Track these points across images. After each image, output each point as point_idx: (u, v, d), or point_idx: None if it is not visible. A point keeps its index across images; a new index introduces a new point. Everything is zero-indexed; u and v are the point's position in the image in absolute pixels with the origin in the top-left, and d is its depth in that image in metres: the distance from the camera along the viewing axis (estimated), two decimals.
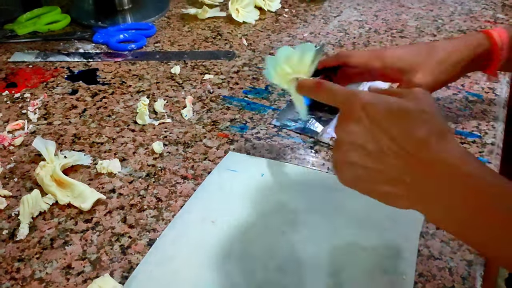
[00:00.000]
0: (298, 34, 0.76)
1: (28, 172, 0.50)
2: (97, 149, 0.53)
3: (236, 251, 0.42)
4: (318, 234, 0.43)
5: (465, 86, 0.62)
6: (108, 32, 0.75)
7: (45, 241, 0.43)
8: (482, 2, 0.85)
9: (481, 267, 0.40)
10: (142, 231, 0.44)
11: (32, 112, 0.59)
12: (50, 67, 0.68)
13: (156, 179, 0.49)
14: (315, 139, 0.54)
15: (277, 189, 0.48)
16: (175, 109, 0.59)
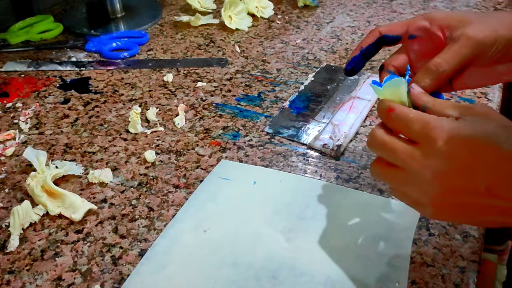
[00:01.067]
0: (291, 41, 0.76)
1: (19, 183, 0.50)
2: (89, 158, 0.53)
3: (229, 260, 0.41)
4: (311, 242, 0.43)
5: (457, 91, 0.63)
6: (100, 40, 0.75)
7: (36, 253, 0.43)
8: (473, 6, 0.86)
9: (474, 273, 0.40)
10: (134, 241, 0.43)
11: (24, 122, 0.59)
12: (42, 76, 0.68)
13: (148, 188, 0.49)
14: (307, 146, 0.54)
15: (269, 197, 0.47)
16: (168, 117, 0.59)
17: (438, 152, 0.32)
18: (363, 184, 0.49)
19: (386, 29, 0.43)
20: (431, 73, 0.38)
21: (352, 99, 0.61)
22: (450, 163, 0.32)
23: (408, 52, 0.42)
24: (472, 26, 0.38)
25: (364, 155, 0.53)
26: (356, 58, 0.44)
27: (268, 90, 0.64)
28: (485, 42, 0.37)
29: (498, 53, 0.38)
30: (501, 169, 0.31)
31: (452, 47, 0.38)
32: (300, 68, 0.69)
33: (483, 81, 0.42)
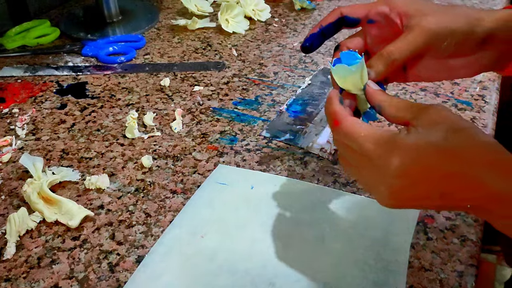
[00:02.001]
0: (288, 44, 0.76)
1: (15, 189, 0.50)
2: (86, 164, 0.53)
3: (226, 266, 0.41)
4: (309, 248, 0.43)
5: (454, 94, 0.62)
6: (97, 45, 0.75)
7: (32, 260, 0.42)
8: None
9: (472, 277, 0.40)
10: (131, 248, 0.43)
11: (20, 127, 0.59)
12: (39, 82, 0.68)
13: (145, 194, 0.49)
14: (305, 150, 0.54)
15: (267, 202, 0.47)
16: (165, 122, 0.59)
17: (391, 171, 0.32)
18: (360, 188, 0.49)
19: (348, 10, 0.42)
20: (383, 60, 0.38)
21: None
22: (403, 180, 0.32)
23: (366, 36, 0.42)
24: (429, 17, 0.38)
25: None
26: (314, 35, 0.44)
27: (265, 93, 0.64)
28: (439, 33, 0.38)
29: (452, 46, 0.38)
30: (454, 176, 0.31)
31: (407, 36, 0.38)
32: (297, 71, 0.69)
33: (437, 74, 0.42)
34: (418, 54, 0.38)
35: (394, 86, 0.64)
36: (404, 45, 0.38)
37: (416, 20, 0.38)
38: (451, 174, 0.31)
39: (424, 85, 0.65)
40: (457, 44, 0.38)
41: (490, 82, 0.65)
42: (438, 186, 0.31)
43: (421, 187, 0.32)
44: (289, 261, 0.41)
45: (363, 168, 0.35)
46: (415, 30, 0.38)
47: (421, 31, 0.38)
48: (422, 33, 0.38)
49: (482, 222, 0.45)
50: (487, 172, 0.30)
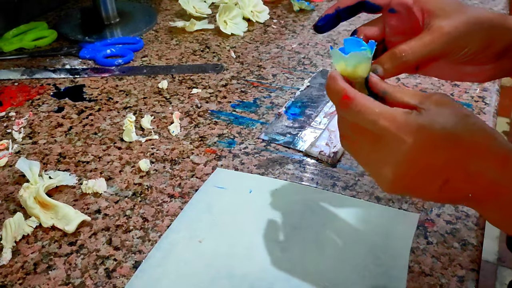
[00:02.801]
0: (286, 45, 0.76)
1: (12, 194, 0.49)
2: (83, 168, 0.52)
3: (224, 271, 0.41)
4: (307, 252, 0.42)
5: (454, 95, 0.62)
6: (95, 47, 0.74)
7: (29, 266, 0.42)
8: None
9: (472, 282, 0.40)
10: (128, 253, 0.43)
11: (17, 131, 0.58)
12: (36, 84, 0.67)
13: (143, 198, 0.48)
14: (303, 153, 0.53)
15: (265, 206, 0.47)
16: (162, 125, 0.59)
17: (402, 151, 0.31)
18: (360, 192, 0.48)
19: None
20: (395, 59, 0.37)
21: None
22: (411, 161, 0.31)
23: (385, 25, 0.41)
24: (452, 20, 0.36)
25: None
26: (329, 16, 0.42)
27: (264, 96, 0.64)
28: (459, 41, 0.36)
29: (470, 55, 0.37)
30: (460, 161, 0.31)
31: (424, 37, 0.37)
32: (296, 73, 0.69)
33: (448, 75, 0.42)
34: (432, 57, 0.37)
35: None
36: (419, 46, 0.36)
37: (437, 22, 0.37)
38: (454, 160, 0.31)
39: (424, 86, 0.64)
40: (475, 53, 0.37)
41: (490, 83, 0.64)
42: (441, 172, 0.31)
43: (426, 171, 0.31)
44: (288, 266, 0.41)
45: (370, 147, 0.33)
46: (434, 32, 0.36)
47: (440, 35, 0.36)
48: (440, 37, 0.36)
49: (483, 226, 0.45)
50: (486, 162, 0.30)
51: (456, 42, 0.37)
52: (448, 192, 0.32)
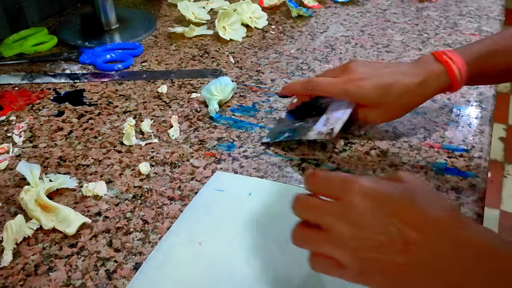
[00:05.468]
0: (285, 51, 0.77)
1: (12, 197, 0.49)
2: (83, 171, 0.53)
3: (224, 273, 0.41)
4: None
5: (451, 100, 0.63)
6: (94, 52, 0.75)
7: (29, 268, 0.42)
8: (466, 15, 0.87)
9: None
10: (128, 255, 0.43)
11: (18, 135, 0.58)
12: (36, 89, 0.68)
13: (143, 200, 0.49)
14: (305, 141, 0.54)
15: (264, 208, 0.47)
16: (162, 129, 0.59)
17: (354, 205, 0.32)
18: None
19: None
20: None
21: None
22: (362, 218, 0.32)
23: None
24: (375, 112, 0.52)
25: (359, 165, 0.53)
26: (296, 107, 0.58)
27: (263, 100, 0.64)
28: (382, 121, 0.56)
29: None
30: (415, 223, 0.31)
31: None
32: (294, 78, 0.69)
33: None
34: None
35: None
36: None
37: (366, 112, 0.53)
38: (413, 218, 0.32)
39: None
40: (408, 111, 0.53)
41: (487, 88, 0.65)
42: (400, 230, 0.31)
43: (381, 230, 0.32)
44: (287, 269, 0.41)
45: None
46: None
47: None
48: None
49: (482, 215, 0.45)
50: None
51: (393, 117, 0.54)
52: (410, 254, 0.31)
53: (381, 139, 0.56)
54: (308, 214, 0.35)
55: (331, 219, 0.33)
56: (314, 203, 0.35)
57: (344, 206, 0.33)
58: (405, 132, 0.57)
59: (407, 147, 0.55)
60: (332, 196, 0.34)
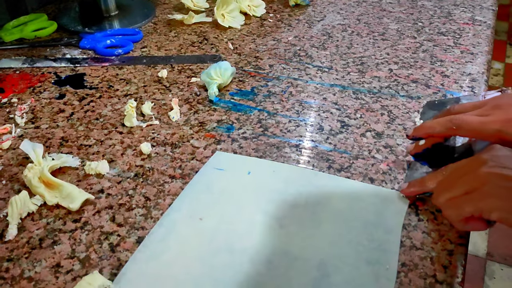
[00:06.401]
0: (283, 38, 0.78)
1: (16, 175, 0.50)
2: (85, 151, 0.54)
3: (224, 246, 0.42)
4: (305, 229, 0.44)
5: (444, 85, 0.64)
6: (95, 38, 0.76)
7: (34, 241, 0.43)
8: (460, 5, 0.88)
9: (461, 255, 0.42)
10: (131, 229, 0.44)
11: (20, 116, 0.59)
12: (37, 73, 0.69)
13: (144, 179, 0.50)
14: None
15: (263, 186, 0.49)
16: (163, 112, 0.60)
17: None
18: (354, 174, 0.50)
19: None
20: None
21: None
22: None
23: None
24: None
25: (355, 146, 0.54)
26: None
27: (261, 85, 0.66)
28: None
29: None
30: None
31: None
32: (292, 64, 0.70)
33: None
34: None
35: (387, 78, 0.66)
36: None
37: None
38: None
39: (416, 77, 0.66)
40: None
41: (479, 74, 0.67)
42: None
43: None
44: (285, 241, 0.43)
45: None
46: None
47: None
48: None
49: None
50: None
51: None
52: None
53: (376, 122, 0.58)
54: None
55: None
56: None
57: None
58: (400, 116, 0.59)
59: (402, 129, 0.56)
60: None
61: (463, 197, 0.40)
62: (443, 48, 0.74)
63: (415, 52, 0.73)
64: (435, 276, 0.40)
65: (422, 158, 0.49)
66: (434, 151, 0.48)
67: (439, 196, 0.43)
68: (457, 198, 0.41)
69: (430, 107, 0.59)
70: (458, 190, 0.41)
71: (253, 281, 0.39)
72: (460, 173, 0.42)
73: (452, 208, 0.41)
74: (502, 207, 0.38)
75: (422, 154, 0.49)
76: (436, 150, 0.48)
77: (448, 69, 0.68)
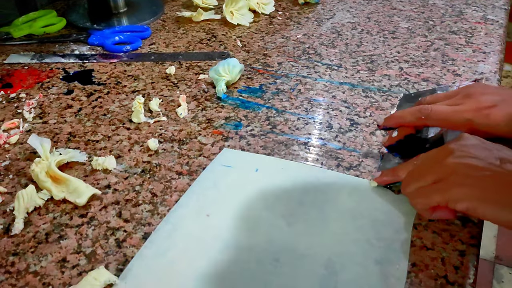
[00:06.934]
0: (291, 36, 0.77)
1: (23, 169, 0.50)
2: (93, 146, 0.54)
3: (231, 242, 0.42)
4: (312, 226, 0.43)
5: (455, 83, 0.63)
6: (103, 34, 0.76)
7: (40, 236, 0.43)
8: (472, 4, 0.87)
9: (473, 256, 0.41)
10: (137, 225, 0.44)
11: (28, 111, 0.59)
12: (45, 68, 0.69)
13: (151, 175, 0.50)
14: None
15: (271, 183, 0.48)
16: (170, 108, 0.60)
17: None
18: (363, 172, 0.49)
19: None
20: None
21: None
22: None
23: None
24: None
25: (364, 145, 0.53)
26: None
27: (270, 82, 0.65)
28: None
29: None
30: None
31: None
32: (301, 61, 0.70)
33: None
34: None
35: (397, 77, 0.65)
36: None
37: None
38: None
39: (427, 75, 0.65)
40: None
41: (492, 73, 0.65)
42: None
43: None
44: (292, 239, 0.42)
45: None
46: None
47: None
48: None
49: None
50: None
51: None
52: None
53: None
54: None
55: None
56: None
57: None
58: None
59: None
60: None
61: (430, 186, 0.40)
62: (454, 47, 0.73)
63: (426, 50, 0.72)
64: (446, 277, 0.39)
65: (395, 149, 0.49)
66: (407, 142, 0.48)
67: (408, 185, 0.42)
68: (425, 188, 0.40)
69: (407, 99, 0.59)
70: (426, 180, 0.41)
71: (260, 279, 0.39)
72: (428, 163, 0.42)
73: (420, 197, 0.41)
74: (468, 196, 0.37)
75: (395, 145, 0.49)
76: (408, 142, 0.48)
77: (459, 68, 0.67)
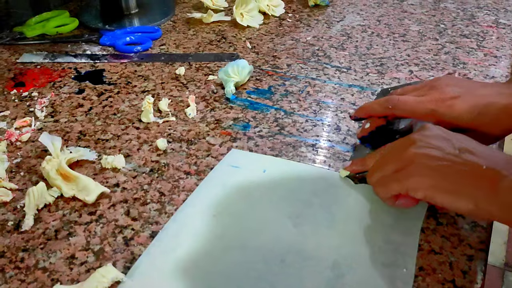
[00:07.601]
0: (301, 38, 0.77)
1: (34, 167, 0.51)
2: (102, 145, 0.54)
3: (237, 243, 0.42)
4: (318, 228, 0.43)
5: None
6: (115, 34, 0.76)
7: (50, 232, 0.43)
8: (484, 8, 0.86)
9: (481, 261, 0.40)
10: (145, 224, 0.44)
11: (39, 110, 0.60)
12: (57, 68, 0.70)
13: (160, 174, 0.50)
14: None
15: (278, 184, 0.48)
16: (179, 108, 0.60)
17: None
18: None
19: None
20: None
21: None
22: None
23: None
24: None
25: None
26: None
27: (278, 84, 0.65)
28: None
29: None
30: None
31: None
32: (310, 64, 0.70)
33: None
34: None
35: (407, 80, 0.65)
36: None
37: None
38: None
39: None
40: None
41: (503, 78, 0.65)
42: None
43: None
44: (299, 240, 0.42)
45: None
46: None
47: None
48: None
49: None
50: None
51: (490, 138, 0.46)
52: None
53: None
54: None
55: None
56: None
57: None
58: None
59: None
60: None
61: (391, 175, 0.41)
62: (466, 51, 0.72)
63: (437, 54, 0.72)
64: (454, 281, 0.39)
65: (367, 140, 0.51)
66: (378, 133, 0.50)
67: (372, 175, 0.44)
68: (386, 177, 0.41)
69: (384, 94, 0.59)
70: (388, 169, 0.41)
71: (265, 280, 0.39)
72: (392, 153, 0.43)
73: (381, 186, 0.42)
74: (427, 186, 0.38)
75: (367, 137, 0.51)
76: (379, 133, 0.50)
77: (471, 72, 0.67)
